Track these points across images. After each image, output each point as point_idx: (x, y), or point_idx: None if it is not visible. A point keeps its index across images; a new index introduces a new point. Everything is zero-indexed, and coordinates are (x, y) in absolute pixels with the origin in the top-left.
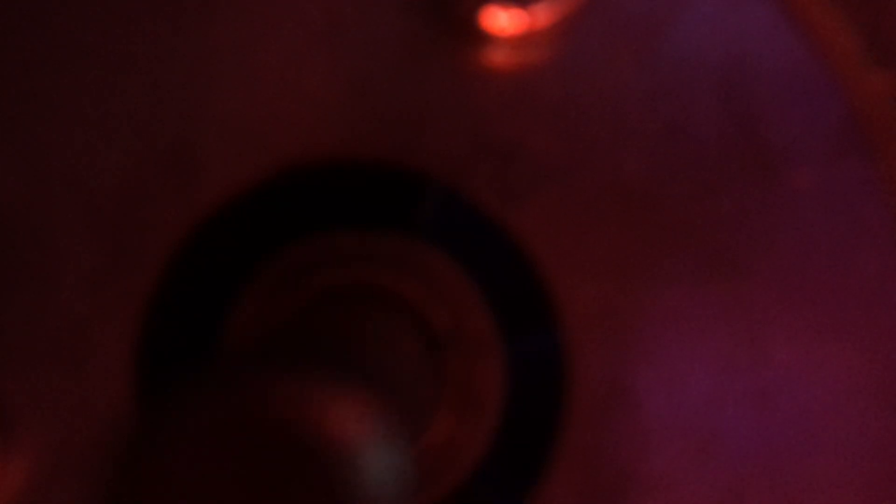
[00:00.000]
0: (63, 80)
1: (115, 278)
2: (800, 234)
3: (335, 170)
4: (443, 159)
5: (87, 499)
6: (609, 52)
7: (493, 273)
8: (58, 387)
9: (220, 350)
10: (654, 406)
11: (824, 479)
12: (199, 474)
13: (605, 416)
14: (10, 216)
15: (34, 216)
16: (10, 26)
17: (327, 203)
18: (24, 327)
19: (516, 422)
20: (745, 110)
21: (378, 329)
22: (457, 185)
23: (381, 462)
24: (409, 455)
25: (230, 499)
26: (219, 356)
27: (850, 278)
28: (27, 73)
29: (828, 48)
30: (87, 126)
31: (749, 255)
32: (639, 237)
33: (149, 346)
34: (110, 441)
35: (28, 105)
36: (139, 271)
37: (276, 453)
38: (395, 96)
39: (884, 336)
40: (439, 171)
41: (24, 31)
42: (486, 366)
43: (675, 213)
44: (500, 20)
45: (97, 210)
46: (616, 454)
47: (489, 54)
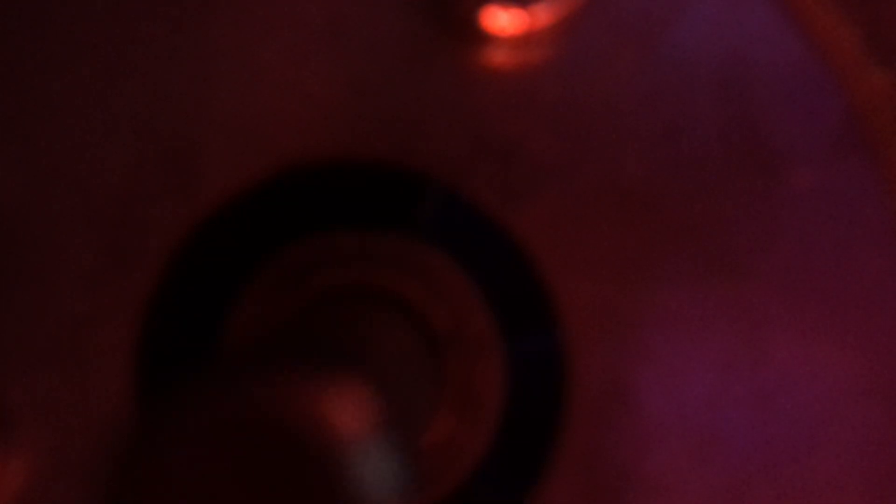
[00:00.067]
0: (63, 80)
1: (115, 278)
2: (800, 234)
3: (335, 170)
4: (443, 159)
5: (87, 499)
6: (609, 52)
7: (493, 273)
8: (58, 387)
9: (220, 350)
10: (654, 406)
11: (824, 479)
12: (199, 474)
13: (605, 416)
14: (10, 216)
15: (34, 216)
16: (10, 26)
17: (327, 203)
18: (24, 327)
19: (516, 422)
20: (745, 110)
21: (378, 329)
22: (457, 185)
23: (382, 462)
24: (410, 455)
25: (230, 499)
26: (219, 356)
27: (850, 278)
28: (27, 73)
29: (828, 48)
30: (87, 126)
31: (749, 255)
32: (638, 237)
33: (149, 346)
34: (110, 441)
35: (28, 105)
36: (139, 271)
37: (275, 453)
38: (395, 96)
39: (884, 336)
40: (439, 171)
41: (24, 31)
42: (486, 366)
43: (675, 213)
44: (500, 20)
45: (97, 210)
46: (616, 454)
47: (489, 54)
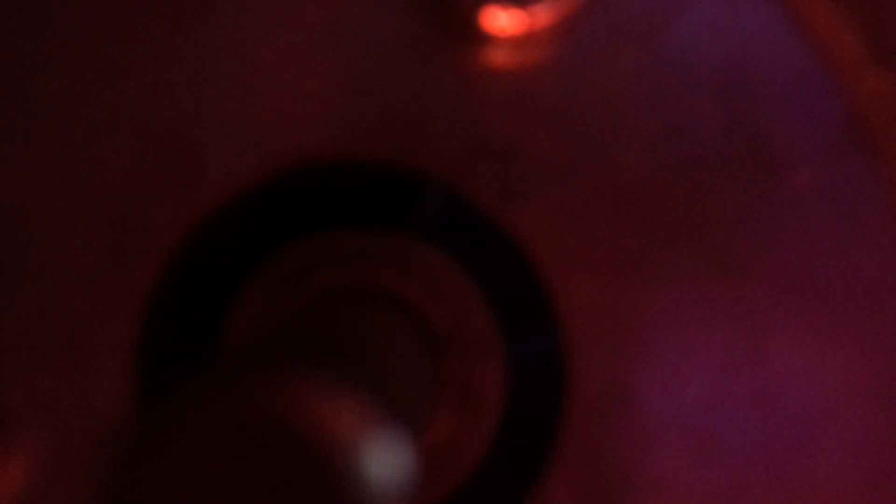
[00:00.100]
0: (63, 80)
1: (115, 278)
2: (800, 234)
3: (335, 170)
4: (443, 159)
5: (87, 499)
6: (609, 52)
7: (493, 273)
8: (58, 387)
9: (220, 350)
10: (654, 406)
11: (824, 479)
12: (199, 474)
13: (605, 416)
14: (10, 216)
15: (34, 216)
16: (10, 26)
17: (327, 203)
18: (24, 327)
19: (516, 422)
20: (745, 110)
21: (378, 329)
22: (457, 185)
23: (382, 462)
24: (410, 455)
25: (230, 499)
26: (219, 356)
27: (850, 278)
28: (27, 73)
29: (828, 48)
30: (87, 126)
31: (749, 255)
32: (639, 237)
33: (149, 346)
34: (110, 441)
35: (28, 105)
36: (139, 271)
37: (275, 454)
38: (395, 96)
39: (884, 336)
40: (439, 171)
41: (24, 31)
42: (486, 366)
43: (675, 213)
44: (500, 20)
45: (97, 210)
46: (616, 454)
47: (489, 54)
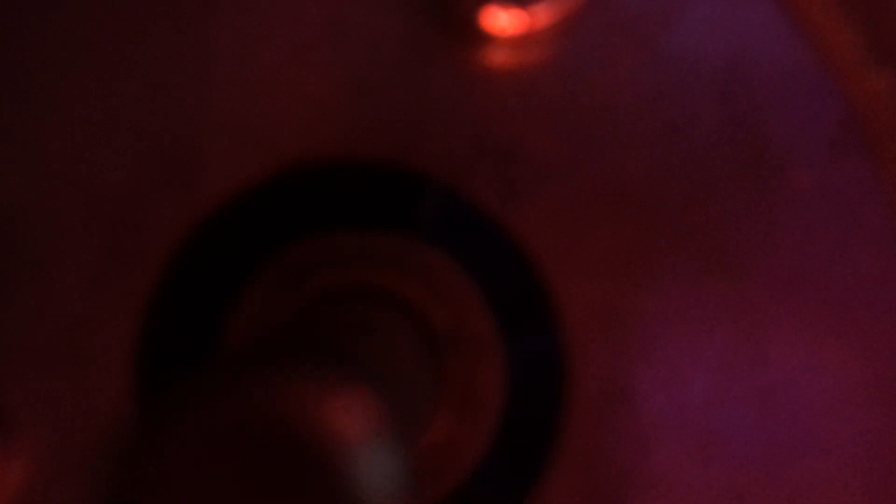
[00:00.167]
0: (63, 80)
1: (115, 278)
2: (800, 234)
3: (335, 170)
4: (443, 159)
5: (87, 499)
6: (609, 52)
7: (493, 273)
8: (58, 387)
9: (220, 350)
10: (654, 406)
11: (824, 480)
12: (200, 474)
13: (605, 416)
14: (10, 216)
15: (34, 216)
16: (10, 26)
17: (327, 203)
18: (24, 327)
19: (516, 422)
20: (745, 110)
21: (378, 329)
22: (457, 185)
23: (382, 462)
24: (410, 455)
25: (230, 499)
26: (219, 356)
27: (850, 278)
28: (27, 73)
29: (828, 48)
30: (88, 126)
31: (749, 255)
32: (639, 237)
33: (149, 346)
34: (110, 441)
35: (28, 105)
36: (139, 271)
37: (276, 454)
38: (395, 96)
39: (884, 336)
40: (439, 171)
41: (24, 30)
42: (486, 366)
43: (675, 212)
44: (500, 20)
45: (97, 210)
46: (616, 454)
47: (489, 54)
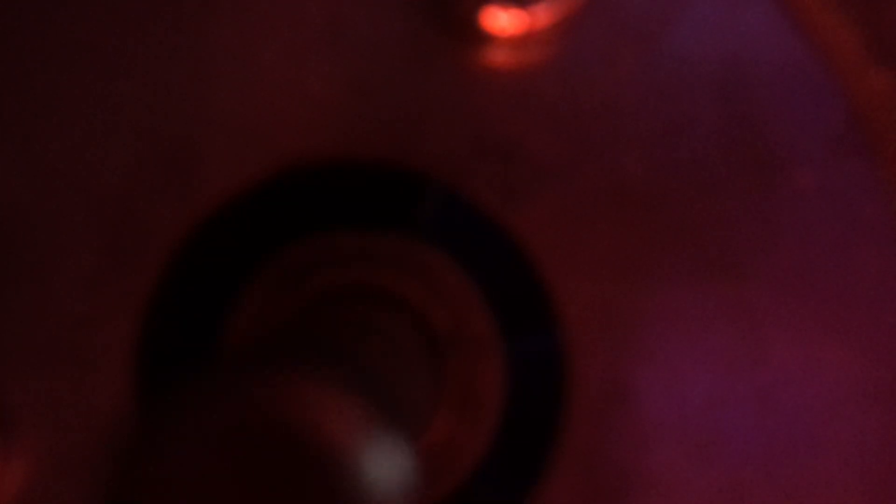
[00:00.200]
0: (63, 80)
1: (115, 278)
2: (800, 234)
3: (335, 170)
4: (443, 159)
5: (87, 499)
6: (609, 52)
7: (493, 273)
8: (58, 387)
9: (220, 350)
10: (654, 406)
11: (824, 479)
12: (200, 475)
13: (605, 416)
14: (10, 216)
15: (34, 216)
16: (10, 26)
17: (327, 203)
18: (24, 327)
19: (516, 422)
20: (745, 110)
21: (378, 329)
22: (457, 185)
23: (382, 462)
24: (409, 455)
25: (230, 499)
26: (219, 356)
27: (851, 278)
28: (27, 72)
29: (828, 48)
30: (88, 126)
31: (749, 255)
32: (639, 237)
33: (149, 346)
34: (110, 441)
35: (28, 105)
36: (139, 271)
37: (276, 454)
38: (396, 96)
39: (884, 336)
40: (439, 171)
41: (24, 30)
42: (486, 366)
43: (675, 213)
44: (500, 20)
45: (97, 210)
46: (616, 454)
47: (489, 54)
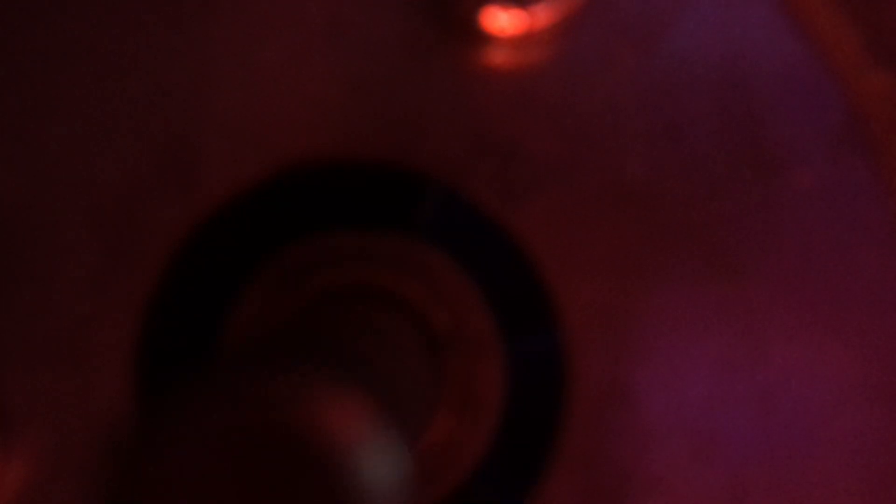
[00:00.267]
0: (63, 80)
1: (115, 278)
2: (800, 234)
3: (335, 170)
4: (443, 159)
5: (87, 499)
6: (609, 53)
7: (493, 273)
8: (58, 387)
9: (220, 350)
10: (654, 406)
11: (824, 479)
12: (199, 475)
13: (605, 416)
14: (10, 216)
15: (34, 216)
16: (11, 26)
17: (327, 203)
18: (24, 327)
19: (516, 422)
20: (745, 110)
21: (378, 329)
22: (457, 185)
23: (381, 462)
24: (409, 455)
25: (229, 500)
26: (219, 356)
27: (851, 278)
28: (27, 72)
29: (828, 48)
30: (87, 126)
31: (749, 255)
32: (639, 237)
33: (149, 346)
34: (110, 441)
35: (28, 105)
36: (139, 271)
37: (275, 454)
38: (395, 96)
39: (884, 336)
40: (439, 171)
41: (24, 30)
42: (486, 366)
43: (675, 213)
44: (500, 20)
45: (97, 210)
46: (616, 454)
47: (489, 54)
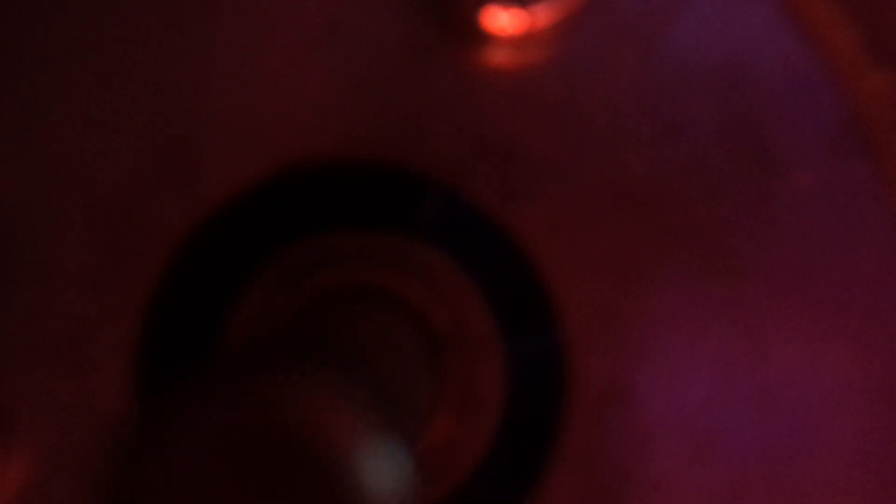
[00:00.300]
0: (63, 80)
1: (115, 278)
2: (800, 235)
3: (335, 170)
4: (443, 159)
5: (87, 499)
6: (609, 53)
7: (493, 273)
8: (58, 387)
9: (220, 350)
10: (654, 406)
11: (824, 479)
12: (199, 475)
13: (605, 416)
14: (10, 216)
15: (34, 216)
16: (11, 26)
17: (327, 203)
18: (24, 327)
19: (516, 422)
20: (745, 110)
21: (378, 329)
22: (457, 185)
23: (381, 463)
24: (409, 456)
25: (230, 499)
26: (219, 356)
27: (851, 278)
28: (27, 72)
29: (828, 48)
30: (87, 126)
31: (749, 256)
32: (639, 237)
33: (149, 346)
34: (110, 441)
35: (28, 105)
36: (139, 271)
37: (275, 454)
38: (396, 96)
39: (884, 336)
40: (439, 171)
41: (24, 30)
42: (486, 366)
43: (676, 213)
44: (500, 20)
45: (97, 210)
46: (616, 454)
47: (489, 54)
